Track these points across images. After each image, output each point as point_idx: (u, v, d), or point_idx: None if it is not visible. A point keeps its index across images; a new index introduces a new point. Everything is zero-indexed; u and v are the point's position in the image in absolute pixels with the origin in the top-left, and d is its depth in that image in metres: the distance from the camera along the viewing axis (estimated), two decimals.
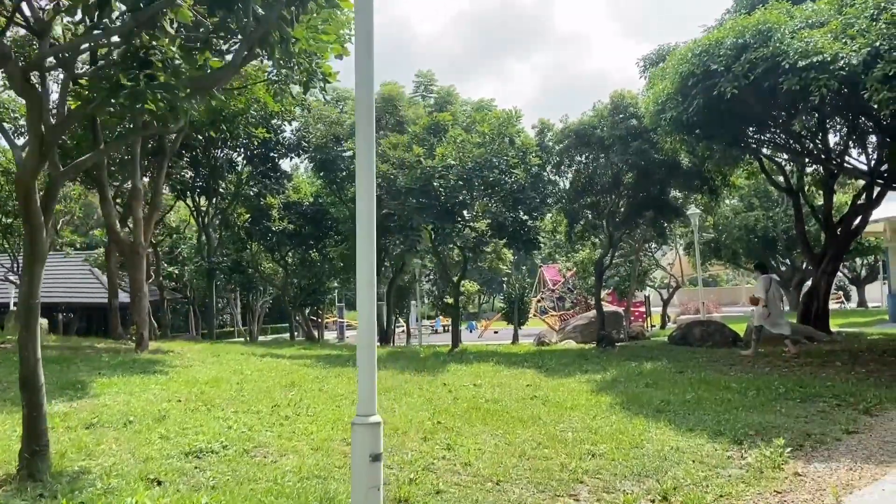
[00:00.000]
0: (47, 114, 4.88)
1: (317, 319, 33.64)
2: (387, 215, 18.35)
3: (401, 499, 4.33)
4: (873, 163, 15.05)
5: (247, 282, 28.07)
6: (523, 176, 16.73)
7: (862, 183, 15.72)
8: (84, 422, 6.06)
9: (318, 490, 4.40)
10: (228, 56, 5.14)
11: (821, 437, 5.89)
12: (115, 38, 4.77)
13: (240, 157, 24.30)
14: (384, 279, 29.11)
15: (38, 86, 5.00)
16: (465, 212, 17.95)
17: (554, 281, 41.37)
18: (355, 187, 3.66)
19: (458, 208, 17.21)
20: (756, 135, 14.09)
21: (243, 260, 26.68)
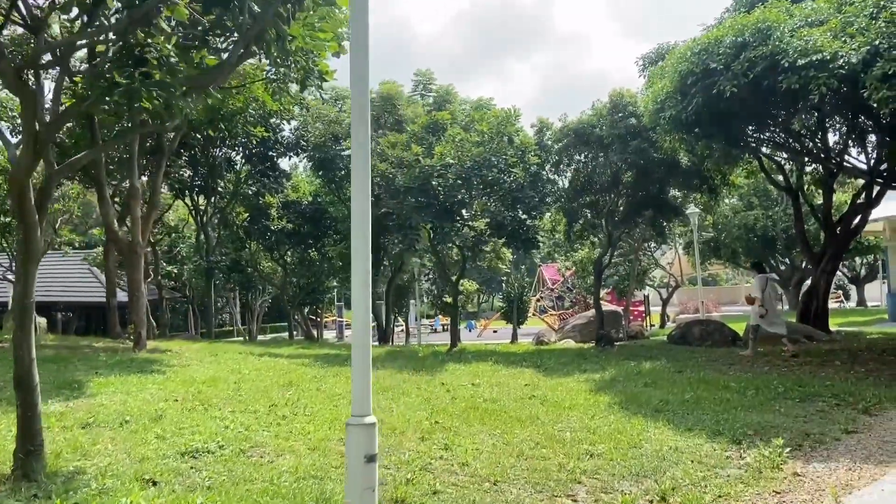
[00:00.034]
0: (42, 111, 4.85)
1: (316, 319, 33.68)
2: (385, 214, 18.30)
3: (398, 499, 4.31)
4: (873, 162, 15.02)
5: (246, 281, 28.04)
6: (522, 175, 16.69)
7: (861, 182, 15.69)
8: (80, 421, 6.05)
9: (315, 490, 4.38)
10: (225, 54, 5.12)
11: (820, 437, 5.88)
12: (111, 36, 4.74)
13: (238, 156, 24.27)
14: (383, 278, 29.08)
15: (33, 83, 4.98)
16: (463, 211, 17.92)
17: (553, 280, 41.37)
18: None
19: (457, 207, 17.17)
20: (755, 133, 14.06)
21: (242, 259, 26.66)
